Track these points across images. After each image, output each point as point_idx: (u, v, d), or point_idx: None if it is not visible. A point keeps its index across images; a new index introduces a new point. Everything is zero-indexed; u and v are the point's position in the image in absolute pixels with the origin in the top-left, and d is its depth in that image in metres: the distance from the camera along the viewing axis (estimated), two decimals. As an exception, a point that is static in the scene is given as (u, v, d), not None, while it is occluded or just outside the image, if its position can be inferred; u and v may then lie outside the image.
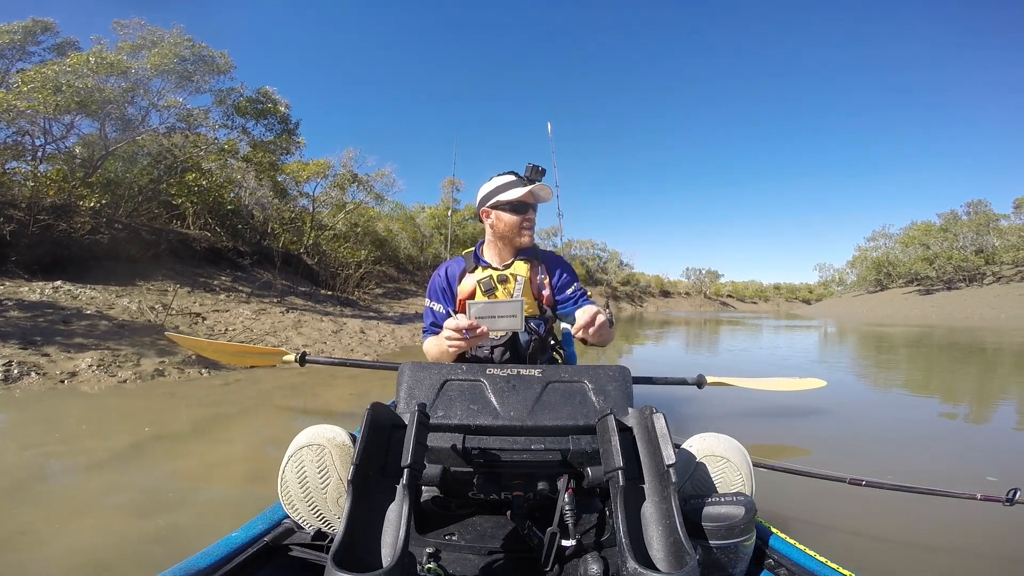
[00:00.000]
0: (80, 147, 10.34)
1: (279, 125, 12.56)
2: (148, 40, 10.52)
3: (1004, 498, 1.80)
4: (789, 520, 2.16)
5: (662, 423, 1.02)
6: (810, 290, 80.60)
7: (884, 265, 48.22)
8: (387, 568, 0.79)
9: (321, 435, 1.14)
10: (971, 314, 29.92)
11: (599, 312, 1.55)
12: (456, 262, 1.97)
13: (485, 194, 1.86)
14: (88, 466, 2.65)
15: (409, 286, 22.86)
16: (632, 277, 62.35)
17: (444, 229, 29.81)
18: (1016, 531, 2.17)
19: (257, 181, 14.53)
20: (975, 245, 40.12)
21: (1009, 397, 5.60)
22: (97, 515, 2.09)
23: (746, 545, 1.02)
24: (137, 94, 10.30)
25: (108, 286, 7.22)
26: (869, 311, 39.42)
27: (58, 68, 9.09)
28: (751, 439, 3.31)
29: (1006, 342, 12.61)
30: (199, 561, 0.99)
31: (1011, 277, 36.38)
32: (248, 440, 3.27)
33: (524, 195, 1.78)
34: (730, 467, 1.14)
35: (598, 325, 1.53)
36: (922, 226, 45.70)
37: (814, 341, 13.88)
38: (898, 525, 2.22)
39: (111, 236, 8.92)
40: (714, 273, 79.87)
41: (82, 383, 4.27)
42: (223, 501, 2.34)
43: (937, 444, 3.65)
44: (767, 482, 1.46)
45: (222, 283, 10.02)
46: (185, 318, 6.74)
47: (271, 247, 14.16)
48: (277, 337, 7.07)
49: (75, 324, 5.41)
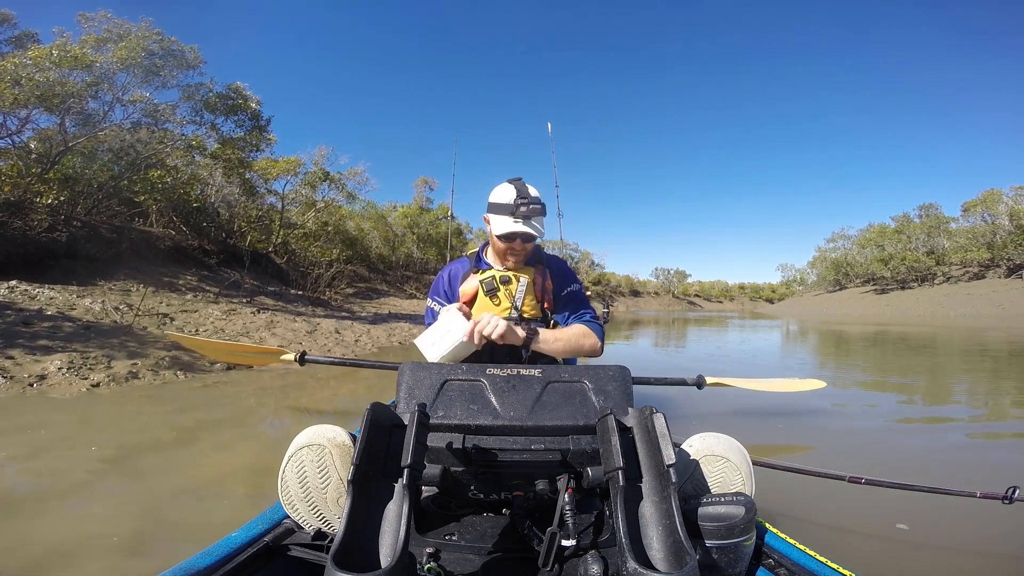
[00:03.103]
0: (36, 142, 9.87)
1: (250, 121, 12.22)
2: (114, 33, 10.09)
3: (1003, 496, 1.82)
4: (788, 519, 2.17)
5: (662, 423, 1.03)
6: (773, 289, 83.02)
7: (843, 265, 50.05)
8: (387, 568, 0.80)
9: (321, 435, 1.14)
10: (923, 312, 31.31)
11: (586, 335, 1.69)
12: (460, 263, 1.96)
13: (488, 201, 1.83)
14: (75, 486, 2.49)
15: (381, 286, 22.57)
16: (603, 277, 63.10)
17: (416, 228, 29.56)
18: (1015, 529, 2.17)
19: (225, 178, 14.13)
20: (926, 246, 42.02)
21: (952, 391, 5.89)
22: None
23: (746, 545, 1.02)
24: (101, 88, 9.88)
25: (68, 286, 6.92)
26: (829, 310, 40.83)
27: (17, 61, 8.66)
28: (751, 439, 3.33)
29: (955, 339, 13.23)
30: (199, 561, 0.98)
31: (959, 277, 38.27)
32: (245, 445, 3.23)
33: (507, 232, 1.72)
34: (730, 467, 1.15)
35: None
36: (878, 228, 47.74)
37: (778, 340, 14.30)
38: (897, 523, 2.22)
39: (69, 234, 8.55)
40: (682, 273, 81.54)
41: (52, 387, 4.12)
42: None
43: (898, 438, 3.79)
44: (766, 481, 1.49)
45: (188, 283, 9.71)
46: (153, 319, 6.51)
47: (239, 246, 13.79)
48: (251, 338, 6.91)
49: (37, 325, 5.18)
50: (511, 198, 1.73)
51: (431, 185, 34.66)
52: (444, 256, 27.54)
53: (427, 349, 1.59)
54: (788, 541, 1.15)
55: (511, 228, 1.71)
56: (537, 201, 1.73)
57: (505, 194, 1.76)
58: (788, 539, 1.16)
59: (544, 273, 1.88)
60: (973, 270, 37.81)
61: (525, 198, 1.71)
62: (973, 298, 31.81)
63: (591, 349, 1.80)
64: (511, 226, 1.71)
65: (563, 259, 2.01)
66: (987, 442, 3.78)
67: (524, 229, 1.71)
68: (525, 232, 1.72)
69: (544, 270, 1.89)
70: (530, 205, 1.71)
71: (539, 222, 1.76)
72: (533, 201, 1.72)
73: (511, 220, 1.72)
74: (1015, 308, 27.64)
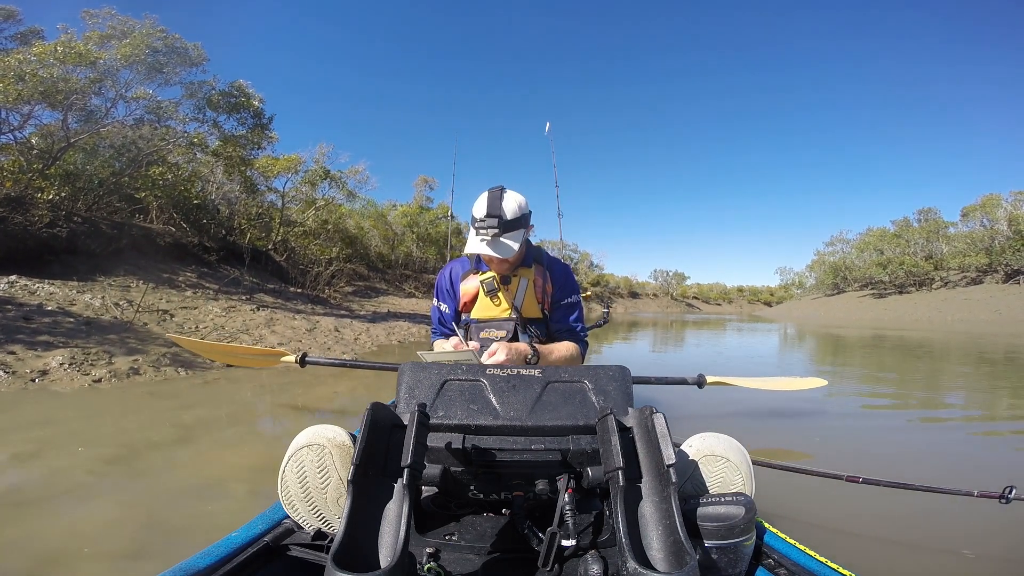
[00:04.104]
0: (37, 137, 9.87)
1: (252, 119, 12.23)
2: (118, 30, 10.12)
3: (1000, 495, 1.82)
4: (788, 519, 2.17)
5: (662, 423, 1.03)
6: (771, 292, 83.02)
7: (841, 269, 50.04)
8: (387, 568, 0.79)
9: (321, 435, 1.13)
10: (920, 317, 31.31)
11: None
12: (460, 263, 1.95)
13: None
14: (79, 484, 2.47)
15: (380, 284, 22.56)
16: (602, 278, 63.09)
17: (416, 227, 29.54)
18: (1012, 528, 2.18)
19: (226, 175, 14.13)
20: (925, 251, 42.01)
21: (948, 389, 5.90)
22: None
23: (746, 545, 1.02)
24: (104, 85, 9.89)
25: (68, 281, 6.93)
26: (827, 313, 40.80)
27: (22, 57, 8.69)
28: (751, 439, 3.30)
29: (952, 344, 13.25)
30: (199, 561, 0.97)
31: (957, 282, 38.25)
32: (246, 443, 3.24)
33: (472, 253, 1.70)
34: (730, 467, 1.15)
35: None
36: (877, 232, 47.71)
37: (776, 343, 14.32)
38: (895, 522, 2.23)
39: (70, 230, 8.54)
40: (681, 275, 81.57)
41: (54, 382, 4.13)
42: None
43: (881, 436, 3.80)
44: (765, 481, 1.50)
45: (187, 279, 9.72)
46: (153, 315, 6.52)
47: (238, 243, 13.79)
48: (251, 335, 6.92)
49: (37, 321, 5.19)
50: (481, 214, 1.67)
51: (431, 184, 34.60)
52: (443, 255, 27.54)
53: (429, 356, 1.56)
54: (788, 541, 1.15)
55: (475, 249, 1.68)
56: (502, 218, 1.64)
57: (478, 208, 1.70)
58: (788, 539, 1.15)
59: (544, 275, 1.87)
60: (971, 275, 37.78)
61: (489, 218, 1.64)
62: (971, 303, 31.79)
63: (576, 354, 1.84)
64: (477, 246, 1.68)
65: (567, 265, 1.99)
66: (984, 442, 3.80)
67: (489, 252, 1.66)
68: (490, 255, 1.67)
69: (544, 271, 1.87)
70: (488, 226, 1.64)
71: (513, 238, 1.69)
72: (495, 219, 1.64)
73: (479, 240, 1.68)
74: (1012, 313, 27.63)
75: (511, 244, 1.69)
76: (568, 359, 1.78)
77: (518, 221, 1.70)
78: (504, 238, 1.68)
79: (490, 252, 1.66)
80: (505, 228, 1.66)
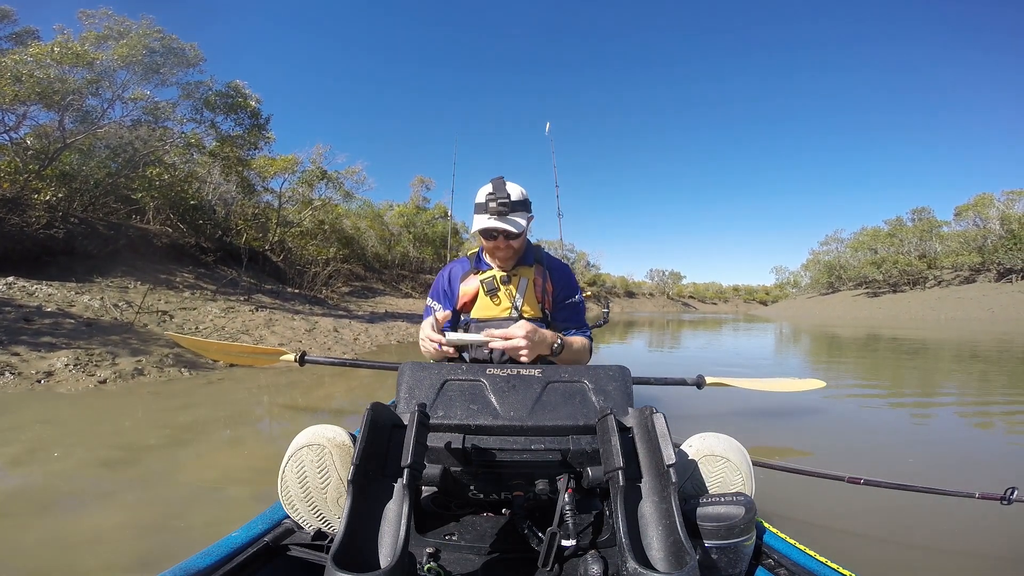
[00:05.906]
0: (33, 138, 9.81)
1: (249, 120, 12.18)
2: (115, 31, 10.05)
3: (1001, 497, 1.82)
4: (788, 519, 2.16)
5: (662, 423, 1.03)
6: (767, 291, 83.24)
7: (835, 268, 50.16)
8: (387, 568, 0.80)
9: (321, 435, 1.14)
10: (914, 315, 31.44)
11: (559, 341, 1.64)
12: (460, 263, 1.95)
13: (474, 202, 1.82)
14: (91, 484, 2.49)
15: (377, 285, 22.53)
16: (598, 278, 63.08)
17: (412, 227, 29.47)
18: (1013, 529, 2.18)
19: (223, 176, 14.08)
20: (919, 250, 42.14)
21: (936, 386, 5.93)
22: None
23: (746, 545, 1.02)
24: (101, 85, 9.83)
25: (65, 283, 6.91)
26: (821, 312, 40.96)
27: (18, 58, 8.62)
28: (751, 439, 3.32)
29: (946, 342, 13.30)
30: (199, 561, 0.98)
31: (950, 281, 38.42)
32: (248, 442, 3.25)
33: (483, 228, 1.72)
34: (730, 467, 1.15)
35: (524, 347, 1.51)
36: (871, 231, 47.86)
37: (772, 342, 14.35)
38: (896, 523, 2.23)
39: (67, 231, 8.53)
40: (677, 274, 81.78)
41: (59, 383, 4.14)
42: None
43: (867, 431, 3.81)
44: (766, 481, 1.50)
45: (185, 280, 9.70)
46: (153, 316, 6.51)
47: (235, 244, 13.75)
48: (251, 336, 6.91)
49: (38, 322, 5.18)
50: (488, 193, 1.73)
51: (428, 185, 34.49)
52: (440, 255, 27.49)
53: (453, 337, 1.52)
54: (788, 541, 1.15)
55: (485, 224, 1.71)
56: (510, 198, 1.70)
57: (483, 192, 1.76)
58: (788, 539, 1.16)
59: (544, 274, 1.87)
60: (964, 274, 37.95)
61: (498, 194, 1.70)
62: (964, 301, 31.93)
63: (583, 362, 1.83)
64: (485, 222, 1.71)
65: (567, 265, 2.00)
66: (985, 443, 3.81)
67: (498, 225, 1.69)
68: (499, 228, 1.70)
69: (544, 271, 1.88)
70: (498, 201, 1.69)
71: (520, 217, 1.74)
72: (504, 197, 1.70)
73: (486, 217, 1.72)
74: (1005, 312, 27.76)
75: (519, 221, 1.74)
76: (583, 350, 1.80)
77: (523, 203, 1.76)
78: (513, 216, 1.73)
79: (500, 225, 1.69)
80: (512, 208, 1.71)
